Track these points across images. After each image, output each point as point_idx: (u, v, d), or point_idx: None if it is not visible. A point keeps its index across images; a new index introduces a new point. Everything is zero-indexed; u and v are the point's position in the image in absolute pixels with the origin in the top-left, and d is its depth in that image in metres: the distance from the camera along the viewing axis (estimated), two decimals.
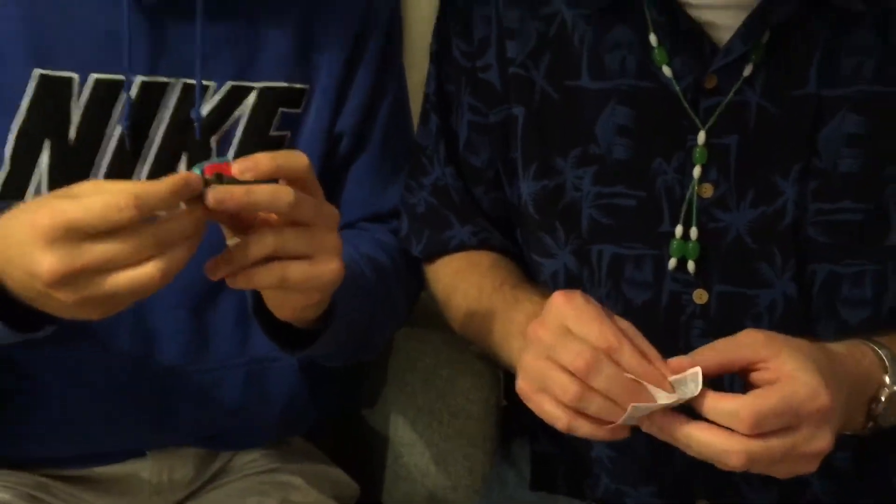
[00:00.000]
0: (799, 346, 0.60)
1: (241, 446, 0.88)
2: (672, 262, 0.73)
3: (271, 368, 0.84)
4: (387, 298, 0.82)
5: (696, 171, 0.71)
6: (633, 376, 0.57)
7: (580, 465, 0.83)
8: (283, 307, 0.65)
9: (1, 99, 0.73)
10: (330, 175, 0.85)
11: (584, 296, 0.61)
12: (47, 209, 0.53)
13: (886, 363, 0.64)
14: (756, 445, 0.56)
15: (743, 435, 0.56)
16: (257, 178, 0.56)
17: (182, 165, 0.79)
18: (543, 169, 0.77)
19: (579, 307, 0.60)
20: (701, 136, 0.71)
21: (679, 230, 0.72)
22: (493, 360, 0.89)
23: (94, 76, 0.75)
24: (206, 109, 0.78)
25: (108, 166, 0.77)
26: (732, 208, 0.72)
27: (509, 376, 0.90)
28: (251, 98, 0.80)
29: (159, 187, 0.54)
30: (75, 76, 0.75)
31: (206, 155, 0.79)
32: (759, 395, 0.57)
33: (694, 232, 0.72)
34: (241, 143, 0.80)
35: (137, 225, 0.53)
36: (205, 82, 0.77)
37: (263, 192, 0.56)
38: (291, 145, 0.82)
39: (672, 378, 0.58)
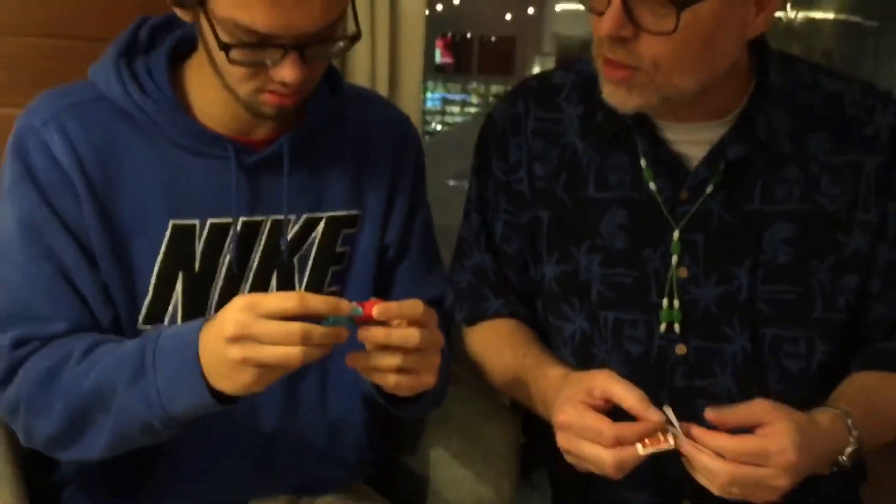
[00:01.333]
0: (793, 416, 0.82)
1: (321, 492, 1.06)
2: (663, 326, 0.96)
3: (346, 426, 1.05)
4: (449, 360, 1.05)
5: (674, 259, 0.95)
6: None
7: (590, 483, 1.04)
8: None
9: (148, 245, 0.94)
10: (382, 276, 1.07)
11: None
12: (241, 297, 0.77)
13: (851, 430, 0.86)
14: (736, 470, 0.79)
15: (729, 461, 0.79)
16: (389, 319, 0.79)
17: (273, 282, 1.00)
18: (562, 256, 1.01)
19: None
20: (676, 234, 0.95)
21: (665, 302, 0.96)
22: (515, 406, 1.10)
23: (210, 220, 0.96)
24: (289, 237, 1.00)
25: (220, 288, 0.97)
26: (702, 285, 0.96)
27: (527, 417, 1.12)
28: (321, 225, 1.01)
29: (319, 299, 0.76)
30: (197, 222, 0.95)
31: (290, 272, 1.01)
32: (748, 438, 0.80)
33: (676, 303, 0.96)
34: (315, 260, 1.01)
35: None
36: (288, 217, 0.99)
37: (398, 335, 0.80)
38: (351, 258, 1.04)
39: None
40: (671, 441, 0.80)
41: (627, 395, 0.82)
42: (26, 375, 0.91)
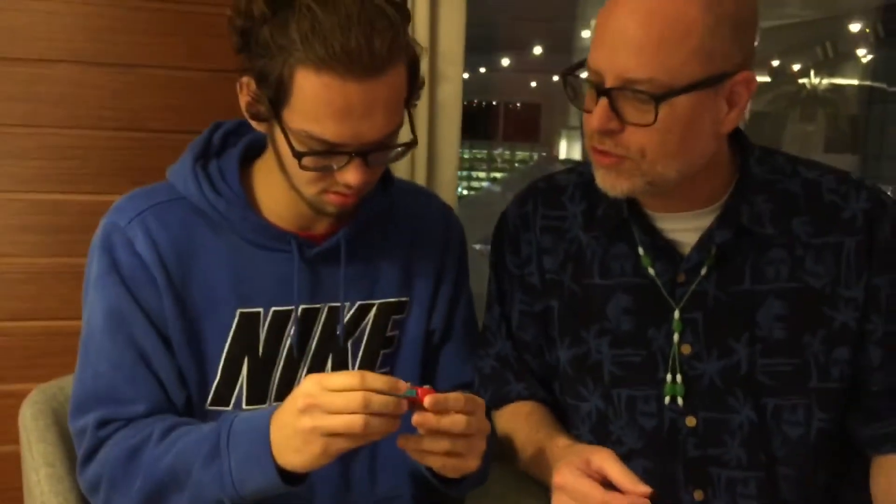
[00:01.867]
0: None
1: None
2: (667, 399, 1.05)
3: (394, 502, 1.13)
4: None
5: (676, 337, 1.05)
6: None
7: None
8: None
9: (218, 331, 1.05)
10: (427, 358, 1.17)
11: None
12: (309, 377, 0.88)
13: None
14: None
15: None
16: (439, 410, 0.88)
17: (329, 365, 1.09)
18: (574, 341, 1.11)
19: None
20: (676, 313, 1.05)
21: (669, 377, 1.05)
22: (542, 482, 1.18)
23: (273, 308, 1.06)
24: (344, 323, 1.10)
25: (281, 370, 1.07)
26: (705, 360, 1.05)
27: None
28: (373, 312, 1.12)
29: (379, 377, 0.86)
30: (261, 310, 1.06)
31: (344, 355, 1.10)
32: None
33: (679, 378, 1.05)
34: (367, 343, 1.11)
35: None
36: (343, 304, 1.09)
37: (448, 420, 0.89)
38: (400, 342, 1.14)
39: None
40: None
41: (619, 472, 0.90)
42: (109, 453, 0.99)
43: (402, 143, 1.02)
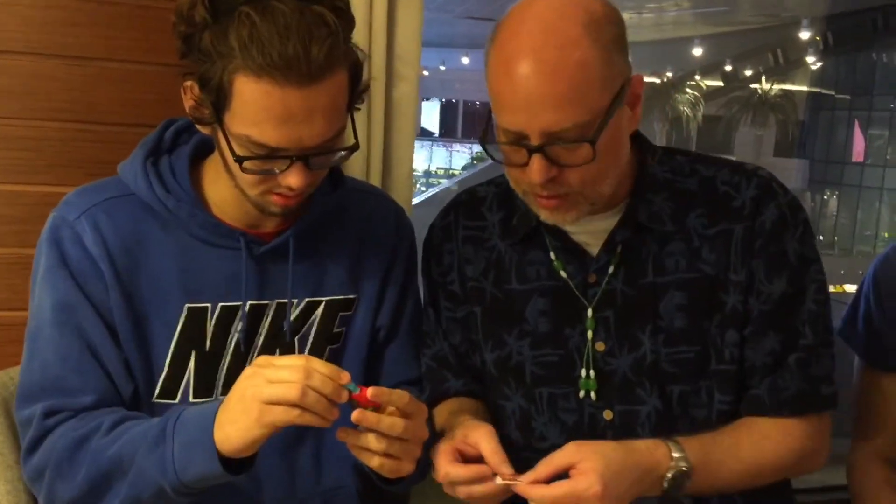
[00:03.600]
0: (600, 449, 0.97)
1: None
2: (581, 394, 1.14)
3: (340, 493, 1.19)
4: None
5: (590, 335, 1.14)
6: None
7: None
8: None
9: (166, 326, 1.08)
10: (372, 356, 1.21)
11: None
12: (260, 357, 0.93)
13: (673, 455, 1.02)
14: None
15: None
16: (381, 402, 0.93)
17: None
18: (496, 343, 1.19)
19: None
20: (589, 312, 1.14)
21: (583, 373, 1.14)
22: None
23: (220, 304, 1.10)
24: (291, 319, 1.14)
25: (228, 365, 1.11)
26: (618, 356, 1.13)
27: None
28: (320, 308, 1.16)
29: (322, 362, 0.91)
30: (209, 305, 1.10)
31: (291, 350, 1.14)
32: (556, 484, 0.95)
33: (593, 373, 1.13)
34: (314, 339, 1.15)
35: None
36: (291, 301, 1.13)
37: (385, 422, 0.93)
38: (346, 338, 1.18)
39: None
40: (519, 486, 0.97)
41: (489, 450, 0.99)
42: (56, 442, 1.01)
43: (344, 147, 1.05)
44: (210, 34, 0.97)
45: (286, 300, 1.13)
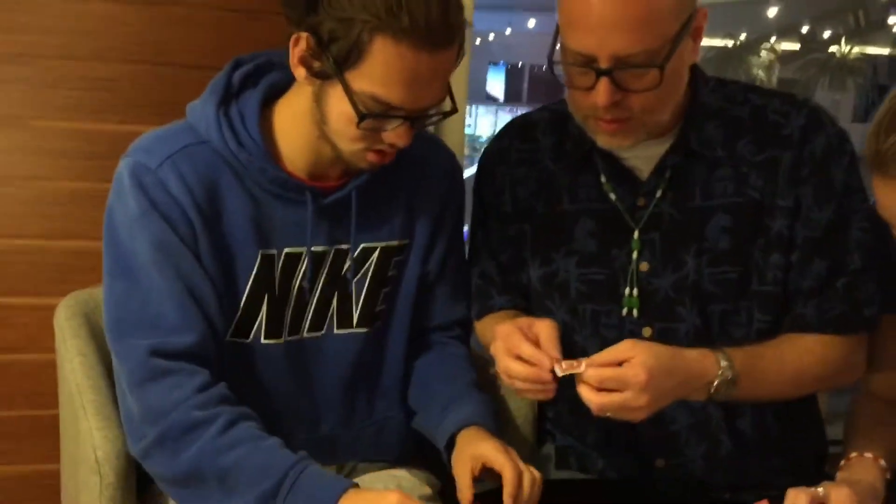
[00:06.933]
0: (652, 349, 0.99)
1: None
2: (624, 312, 1.17)
3: (389, 423, 1.26)
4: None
5: (635, 255, 1.17)
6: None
7: (584, 451, 1.27)
8: None
9: (243, 271, 1.12)
10: (422, 296, 1.27)
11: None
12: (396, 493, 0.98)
13: (720, 364, 1.05)
14: (604, 399, 0.98)
15: (597, 391, 0.98)
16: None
17: (334, 302, 1.19)
18: (544, 260, 1.23)
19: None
20: (636, 234, 1.17)
21: (627, 291, 1.17)
22: None
23: (286, 250, 1.15)
24: (350, 264, 1.19)
25: (292, 308, 1.16)
26: (660, 276, 1.17)
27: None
28: (375, 254, 1.21)
29: None
30: (276, 252, 1.14)
31: (349, 294, 1.18)
32: (608, 369, 0.98)
33: (636, 292, 1.16)
34: (370, 283, 1.20)
35: None
36: (347, 247, 1.18)
37: None
38: (399, 282, 1.23)
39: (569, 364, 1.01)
40: (579, 369, 0.99)
41: (546, 338, 1.02)
42: (170, 411, 1.04)
43: (445, 112, 1.10)
44: None
45: (344, 247, 1.18)
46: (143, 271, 1.08)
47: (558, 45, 1.07)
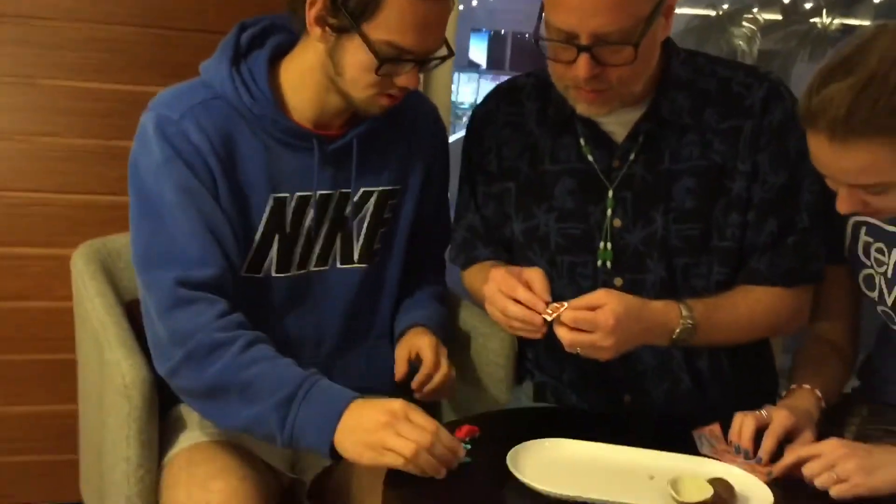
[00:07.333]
0: (623, 298, 1.11)
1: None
2: (599, 263, 1.30)
3: (381, 350, 1.39)
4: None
5: (609, 212, 1.29)
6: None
7: (559, 387, 1.40)
8: None
9: (257, 212, 1.25)
10: (414, 235, 1.40)
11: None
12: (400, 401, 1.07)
13: (682, 314, 1.17)
14: (575, 337, 1.09)
15: (570, 330, 1.10)
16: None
17: (338, 242, 1.32)
18: (526, 215, 1.35)
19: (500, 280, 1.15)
20: (610, 193, 1.29)
21: (601, 245, 1.30)
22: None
23: (297, 194, 1.28)
24: (351, 206, 1.32)
25: (301, 245, 1.29)
26: (631, 231, 1.29)
27: (521, 340, 1.44)
28: (373, 197, 1.34)
29: (450, 437, 1.04)
30: (287, 195, 1.27)
31: (350, 233, 1.32)
32: (580, 314, 1.09)
33: (609, 245, 1.29)
34: (369, 224, 1.34)
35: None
36: (349, 191, 1.32)
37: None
38: (394, 223, 1.37)
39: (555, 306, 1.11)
40: (559, 314, 1.10)
41: (538, 283, 1.13)
42: (194, 333, 1.13)
43: (443, 56, 1.23)
44: None
45: (348, 190, 1.31)
46: (168, 212, 1.18)
47: (543, 21, 1.17)
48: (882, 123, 1.00)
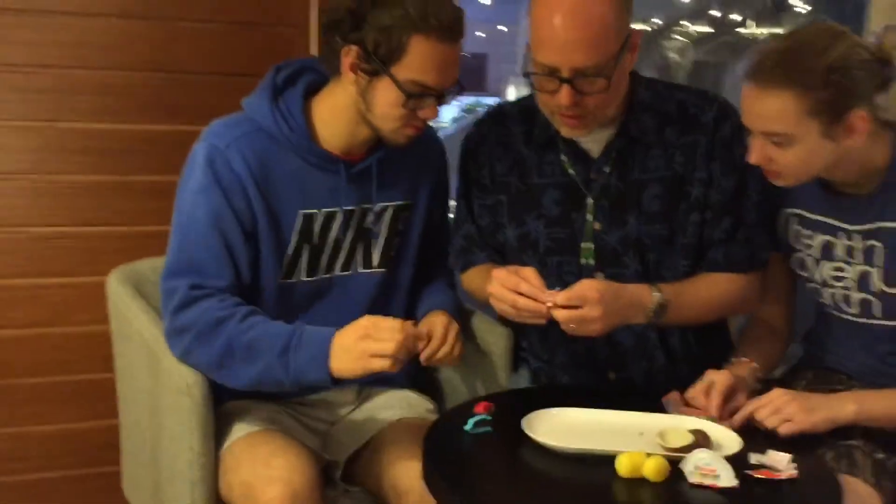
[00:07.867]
0: (602, 280, 1.36)
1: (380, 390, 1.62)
2: (582, 261, 1.52)
3: None
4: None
5: (590, 217, 1.51)
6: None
7: (551, 371, 1.62)
8: None
9: (288, 227, 1.46)
10: (424, 245, 1.61)
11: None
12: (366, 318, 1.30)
13: (654, 294, 1.40)
14: (567, 314, 1.31)
15: (563, 309, 1.31)
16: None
17: (360, 249, 1.53)
18: (518, 223, 1.57)
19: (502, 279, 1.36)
20: (590, 201, 1.52)
21: (584, 245, 1.52)
22: (506, 323, 1.61)
23: (323, 210, 1.49)
24: (372, 218, 1.54)
25: (328, 256, 1.50)
26: (609, 233, 1.51)
27: (517, 331, 1.65)
28: (389, 211, 1.56)
29: (414, 329, 1.30)
30: (315, 211, 1.48)
31: (370, 245, 1.53)
32: (572, 292, 1.30)
33: (591, 245, 1.51)
34: (386, 235, 1.55)
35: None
36: (370, 206, 1.53)
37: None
38: (406, 235, 1.58)
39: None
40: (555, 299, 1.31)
41: (538, 283, 1.33)
42: (200, 315, 1.36)
43: (456, 90, 1.45)
44: (387, 9, 1.35)
45: (368, 206, 1.54)
46: (196, 231, 1.40)
47: (530, 59, 1.40)
48: (796, 79, 1.26)
